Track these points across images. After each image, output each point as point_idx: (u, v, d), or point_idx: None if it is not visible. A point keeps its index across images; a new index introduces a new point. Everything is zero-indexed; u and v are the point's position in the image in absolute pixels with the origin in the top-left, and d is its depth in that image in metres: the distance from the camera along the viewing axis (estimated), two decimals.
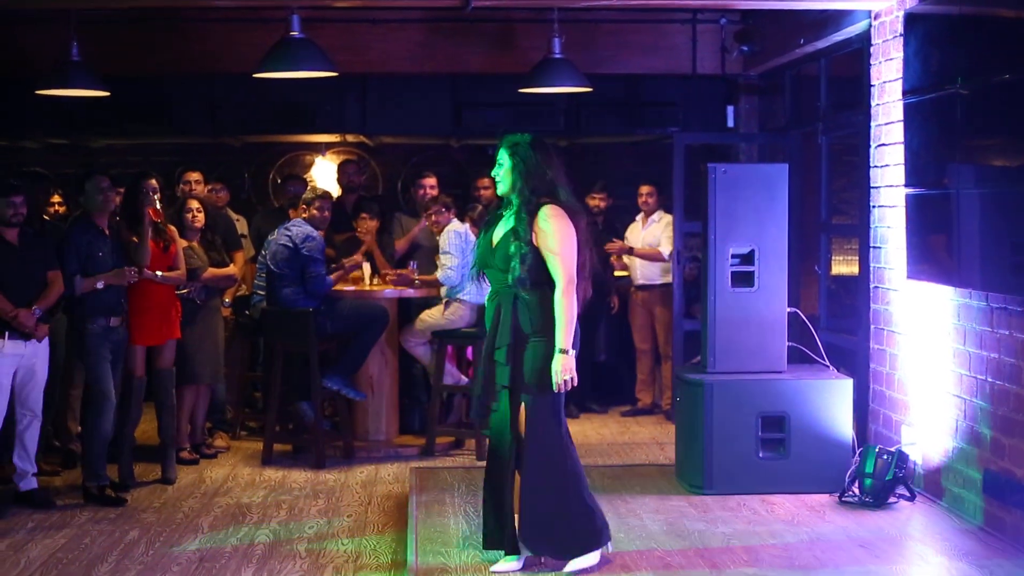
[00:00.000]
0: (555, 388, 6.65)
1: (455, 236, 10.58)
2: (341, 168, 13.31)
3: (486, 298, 7.03)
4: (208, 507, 8.96)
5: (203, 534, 8.26)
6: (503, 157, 6.88)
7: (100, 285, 8.94)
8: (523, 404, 6.76)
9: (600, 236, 11.92)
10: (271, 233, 10.69)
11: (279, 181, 14.55)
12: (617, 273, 12.59)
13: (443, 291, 10.66)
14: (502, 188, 6.88)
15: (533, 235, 6.69)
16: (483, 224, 7.19)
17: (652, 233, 12.20)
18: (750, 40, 11.96)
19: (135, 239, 9.26)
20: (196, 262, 10.03)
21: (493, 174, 6.96)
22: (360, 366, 10.59)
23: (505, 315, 6.77)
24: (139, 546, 7.96)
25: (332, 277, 10.50)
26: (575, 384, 6.69)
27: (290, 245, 10.30)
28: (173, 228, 9.75)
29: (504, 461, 6.89)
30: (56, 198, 11.41)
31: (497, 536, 6.95)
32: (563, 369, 6.61)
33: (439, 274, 10.51)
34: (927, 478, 8.36)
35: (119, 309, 9.10)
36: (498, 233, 6.84)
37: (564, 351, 6.60)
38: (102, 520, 8.57)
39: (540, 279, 6.70)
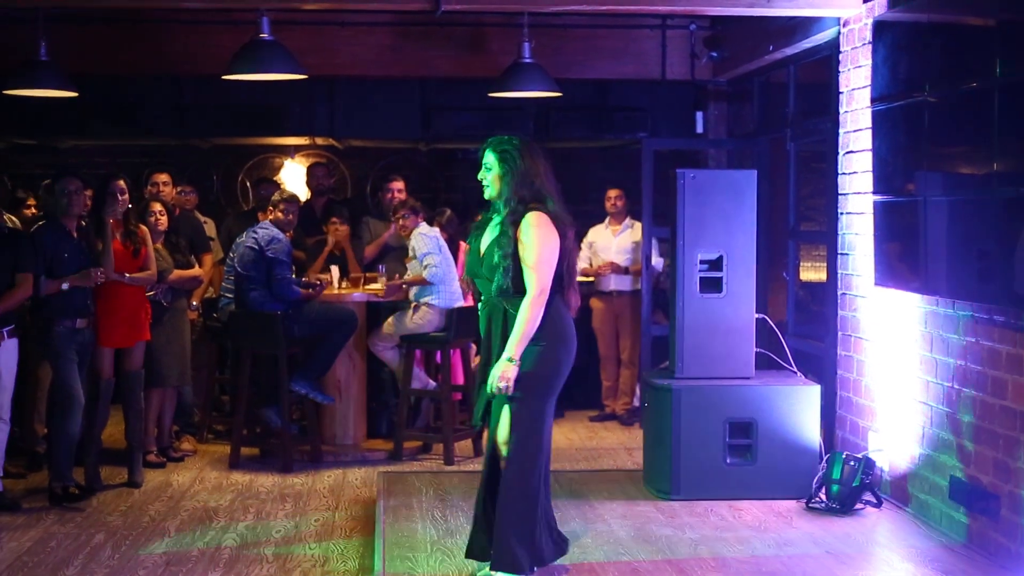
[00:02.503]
0: (489, 392, 6.54)
1: (426, 238, 10.57)
2: (310, 171, 13.31)
3: (479, 306, 6.80)
4: (175, 510, 8.94)
5: (169, 537, 8.24)
6: (490, 161, 6.60)
7: (65, 287, 8.89)
8: (507, 407, 6.57)
9: None
10: (240, 236, 10.69)
11: (248, 183, 14.54)
12: (579, 279, 12.59)
13: (411, 295, 10.66)
14: (489, 193, 6.63)
15: (516, 244, 6.49)
16: (473, 229, 6.92)
17: (624, 242, 12.23)
18: (719, 46, 12.00)
19: (99, 242, 9.22)
20: (161, 264, 9.99)
21: (480, 177, 6.67)
22: (328, 369, 10.58)
23: (496, 324, 6.62)
24: (105, 549, 7.93)
25: (302, 292, 10.45)
26: (508, 392, 6.47)
27: (256, 247, 10.28)
28: (145, 229, 9.70)
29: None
30: (31, 200, 11.34)
31: (485, 547, 6.71)
32: (500, 376, 6.44)
33: (426, 273, 10.48)
34: (894, 484, 8.38)
35: (86, 311, 9.07)
36: (485, 241, 6.66)
37: (511, 359, 6.44)
38: (68, 523, 8.54)
39: (525, 288, 6.50)
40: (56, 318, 8.92)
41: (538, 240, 6.46)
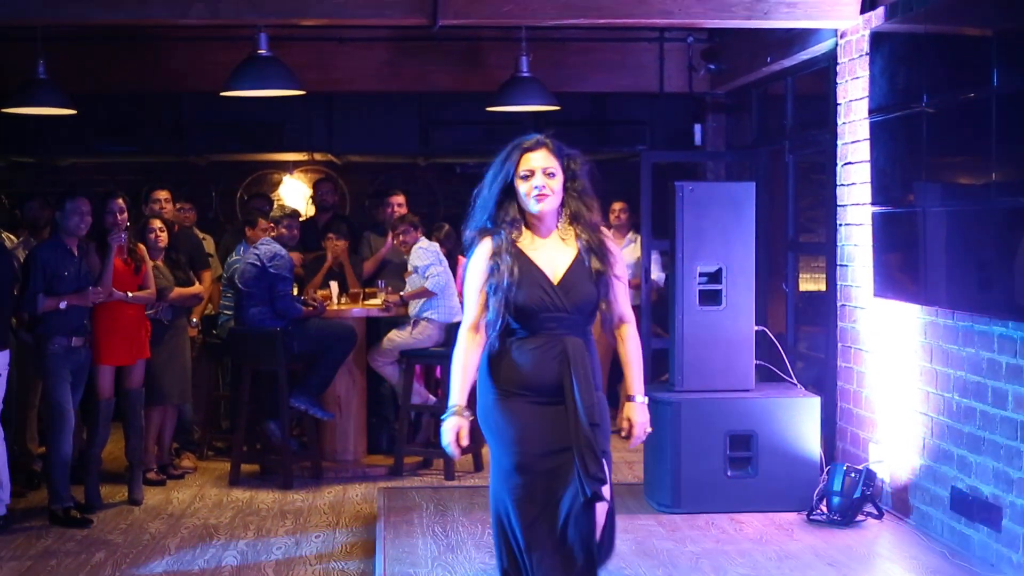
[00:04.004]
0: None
1: (427, 252, 10.57)
2: (316, 187, 13.33)
3: (530, 344, 5.47)
4: (175, 528, 8.92)
5: (170, 555, 8.23)
6: (553, 166, 5.50)
7: (62, 305, 8.88)
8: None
9: None
10: (235, 252, 10.69)
11: (246, 199, 14.53)
12: None
13: (411, 310, 10.65)
14: (546, 204, 5.50)
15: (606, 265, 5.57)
16: (496, 251, 5.53)
17: (628, 256, 12.23)
18: (717, 59, 12.00)
19: (100, 261, 9.21)
20: (162, 282, 9.97)
21: (537, 185, 5.46)
22: (328, 386, 10.57)
23: (577, 365, 5.43)
24: (106, 568, 7.92)
25: (304, 310, 10.45)
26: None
27: (258, 264, 10.27)
28: (143, 247, 9.69)
29: None
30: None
31: None
32: (647, 421, 5.68)
33: (429, 283, 10.46)
34: (895, 496, 8.37)
35: (82, 330, 9.05)
36: (551, 262, 5.51)
37: (644, 400, 5.68)
38: (68, 542, 8.52)
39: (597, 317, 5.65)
40: (52, 336, 8.90)
41: (623, 261, 5.76)
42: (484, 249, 5.55)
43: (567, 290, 5.46)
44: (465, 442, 5.57)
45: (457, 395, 5.57)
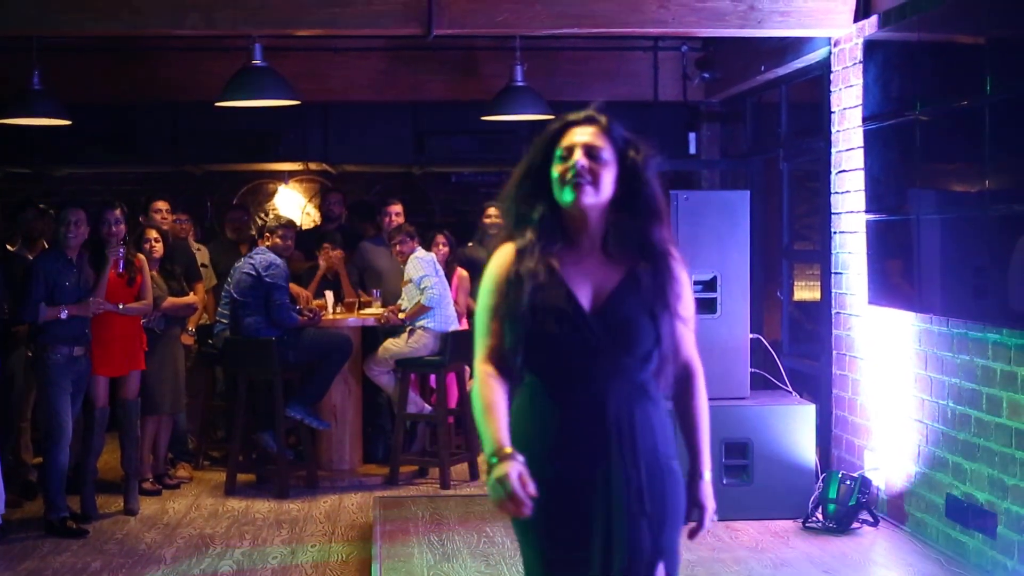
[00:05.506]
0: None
1: (423, 262, 10.56)
2: (323, 197, 13.36)
3: (553, 402, 4.02)
4: (171, 538, 8.91)
5: (166, 565, 8.22)
6: (602, 145, 4.04)
7: (64, 315, 8.88)
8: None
9: None
10: (226, 262, 10.76)
11: (250, 209, 14.55)
12: None
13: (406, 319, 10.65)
14: (587, 199, 3.99)
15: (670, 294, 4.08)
16: (516, 262, 4.04)
17: None
18: (711, 67, 12.02)
19: (93, 271, 9.20)
20: (156, 291, 9.97)
21: (573, 165, 3.98)
22: (323, 395, 10.57)
23: (631, 429, 4.00)
24: None
25: (299, 320, 10.44)
26: None
27: (253, 273, 10.27)
28: (142, 257, 9.68)
29: None
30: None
31: None
32: (711, 503, 4.20)
33: (424, 298, 10.45)
34: (890, 503, 8.38)
35: (83, 339, 9.06)
36: (589, 283, 4.03)
37: (708, 478, 4.20)
38: (64, 552, 8.51)
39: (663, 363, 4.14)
40: (53, 345, 8.91)
41: (692, 294, 4.24)
42: (501, 259, 4.08)
43: (608, 322, 3.97)
44: (532, 489, 3.82)
45: (494, 437, 3.92)
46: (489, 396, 4.00)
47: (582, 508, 3.94)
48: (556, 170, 4.00)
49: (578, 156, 3.96)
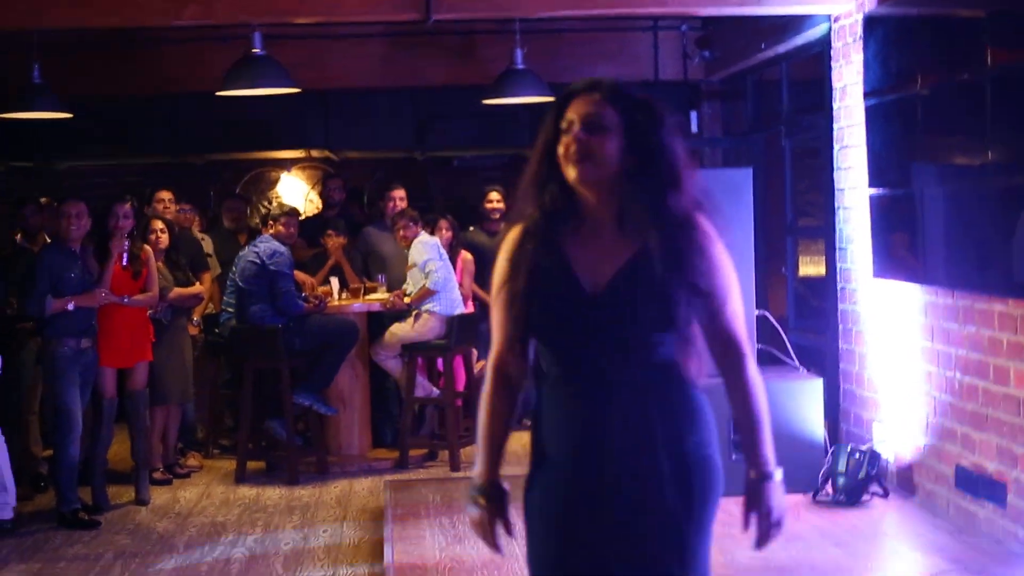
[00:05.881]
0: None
1: (427, 246, 10.57)
2: (324, 183, 13.35)
3: (561, 395, 3.72)
4: (183, 527, 8.94)
5: (179, 554, 8.24)
6: (606, 114, 3.68)
7: (71, 306, 8.90)
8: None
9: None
10: (226, 251, 10.79)
11: (248, 198, 14.56)
12: None
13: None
14: (586, 173, 3.66)
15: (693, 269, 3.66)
16: (521, 243, 3.76)
17: None
18: (711, 46, 12.03)
19: (96, 263, 9.21)
20: (162, 282, 9.98)
21: (575, 139, 3.65)
22: (331, 381, 10.58)
23: (647, 419, 3.67)
24: (115, 568, 7.93)
25: (305, 307, 10.46)
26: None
27: (257, 261, 10.29)
28: (148, 249, 9.68)
29: None
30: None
31: None
32: (781, 511, 3.78)
33: (429, 282, 10.46)
34: (899, 475, 8.41)
35: (91, 331, 9.07)
36: (597, 263, 3.68)
37: (775, 475, 3.76)
38: (76, 543, 8.54)
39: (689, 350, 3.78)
40: (61, 337, 8.92)
41: (730, 267, 3.78)
42: (508, 244, 3.78)
43: (610, 304, 3.61)
44: (505, 537, 3.83)
45: (480, 465, 3.85)
46: (489, 408, 3.81)
47: (593, 505, 3.62)
48: (560, 147, 3.67)
49: (575, 129, 3.64)
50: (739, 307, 3.74)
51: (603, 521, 3.62)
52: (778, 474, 3.71)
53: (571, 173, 3.63)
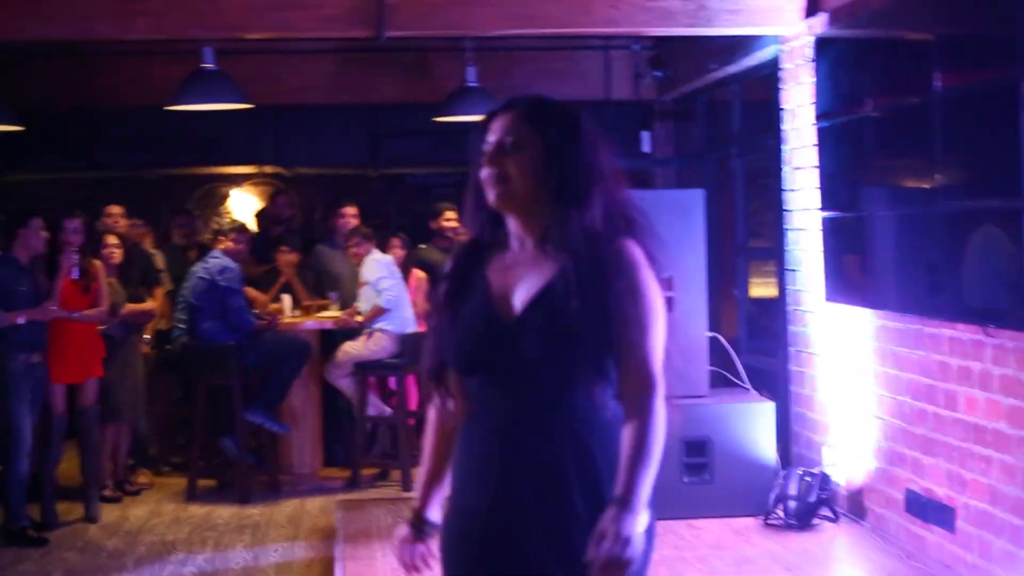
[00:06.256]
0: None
1: (380, 264, 10.55)
2: (272, 199, 13.30)
3: (471, 428, 3.54)
4: (132, 545, 8.89)
5: (128, 572, 8.21)
6: (517, 132, 3.53)
7: (21, 320, 8.84)
8: None
9: None
10: (175, 267, 10.75)
11: (196, 214, 14.49)
12: None
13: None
14: (503, 196, 3.53)
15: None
16: (452, 269, 3.65)
17: None
18: (663, 66, 12.07)
19: (46, 278, 9.15)
20: (114, 297, 9.93)
21: (489, 163, 3.54)
22: (283, 399, 10.55)
23: (531, 457, 3.43)
24: None
25: (257, 323, 10.43)
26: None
27: (207, 277, 10.26)
28: (98, 264, 9.64)
29: None
30: None
31: None
32: (630, 537, 3.30)
33: (382, 300, 10.44)
34: (850, 499, 8.43)
35: (41, 345, 9.02)
36: (518, 288, 3.50)
37: (634, 508, 3.38)
38: (25, 561, 8.48)
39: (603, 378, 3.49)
40: (11, 352, 8.86)
41: (654, 293, 3.61)
42: (446, 271, 3.66)
43: (525, 336, 3.41)
44: (428, 569, 3.63)
45: (417, 492, 3.72)
46: (425, 446, 3.69)
47: (503, 555, 3.41)
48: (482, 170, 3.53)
49: (489, 150, 3.50)
50: (659, 338, 3.50)
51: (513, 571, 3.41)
52: (643, 519, 3.36)
53: (490, 196, 3.49)
